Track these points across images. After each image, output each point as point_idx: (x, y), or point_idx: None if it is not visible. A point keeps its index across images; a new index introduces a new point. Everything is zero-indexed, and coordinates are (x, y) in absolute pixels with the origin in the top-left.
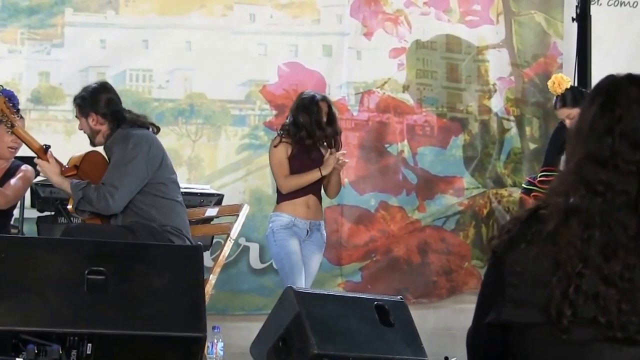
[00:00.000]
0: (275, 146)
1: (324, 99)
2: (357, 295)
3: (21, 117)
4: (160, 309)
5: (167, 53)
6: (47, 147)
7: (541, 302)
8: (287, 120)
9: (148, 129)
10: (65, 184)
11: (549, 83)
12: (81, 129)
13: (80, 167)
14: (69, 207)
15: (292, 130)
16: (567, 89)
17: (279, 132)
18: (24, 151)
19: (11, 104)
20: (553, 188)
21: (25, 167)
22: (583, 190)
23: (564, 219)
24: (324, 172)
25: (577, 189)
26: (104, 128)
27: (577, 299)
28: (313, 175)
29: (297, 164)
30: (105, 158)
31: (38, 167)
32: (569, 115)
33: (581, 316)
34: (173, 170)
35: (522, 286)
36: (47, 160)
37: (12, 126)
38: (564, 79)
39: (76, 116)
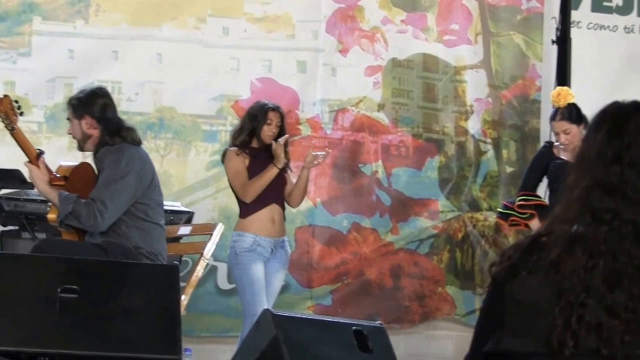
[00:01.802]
0: (230, 158)
1: (276, 109)
2: (336, 320)
3: None
4: (134, 330)
5: (137, 65)
6: (41, 152)
7: (542, 331)
8: (239, 125)
9: (139, 144)
10: (52, 195)
11: (553, 93)
12: (70, 133)
13: (69, 179)
14: (50, 216)
15: (236, 135)
16: (570, 104)
17: (230, 144)
18: None
19: (17, 106)
20: (557, 215)
21: None
22: (589, 218)
23: (568, 247)
24: (280, 165)
25: (582, 217)
26: (96, 133)
27: (579, 329)
28: (271, 172)
29: (255, 173)
30: (94, 171)
31: (27, 172)
32: (566, 130)
33: (583, 347)
34: (160, 192)
35: (523, 315)
36: (38, 166)
37: (13, 129)
38: (569, 93)
39: (68, 118)
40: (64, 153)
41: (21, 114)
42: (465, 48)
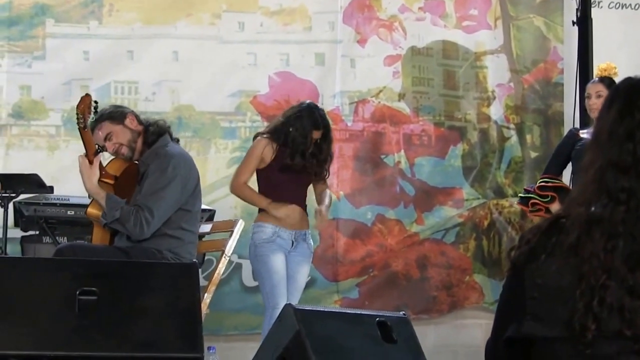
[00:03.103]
0: (259, 143)
1: (324, 127)
2: (359, 312)
3: None
4: (154, 330)
5: (153, 64)
6: (99, 150)
7: (564, 315)
8: (279, 126)
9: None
10: (100, 195)
11: (600, 65)
12: (114, 149)
13: (118, 179)
14: (91, 210)
15: (276, 137)
16: (610, 76)
17: (265, 131)
18: None
19: (94, 107)
20: (574, 197)
21: None
22: (605, 199)
23: (586, 230)
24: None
25: (598, 198)
26: (141, 129)
27: (601, 311)
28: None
29: (274, 172)
30: (139, 173)
31: (79, 164)
32: (599, 92)
33: (606, 329)
34: (201, 199)
35: (544, 299)
36: (91, 163)
37: (85, 127)
38: (616, 71)
39: (106, 137)
40: None
41: (95, 112)
42: (485, 33)
